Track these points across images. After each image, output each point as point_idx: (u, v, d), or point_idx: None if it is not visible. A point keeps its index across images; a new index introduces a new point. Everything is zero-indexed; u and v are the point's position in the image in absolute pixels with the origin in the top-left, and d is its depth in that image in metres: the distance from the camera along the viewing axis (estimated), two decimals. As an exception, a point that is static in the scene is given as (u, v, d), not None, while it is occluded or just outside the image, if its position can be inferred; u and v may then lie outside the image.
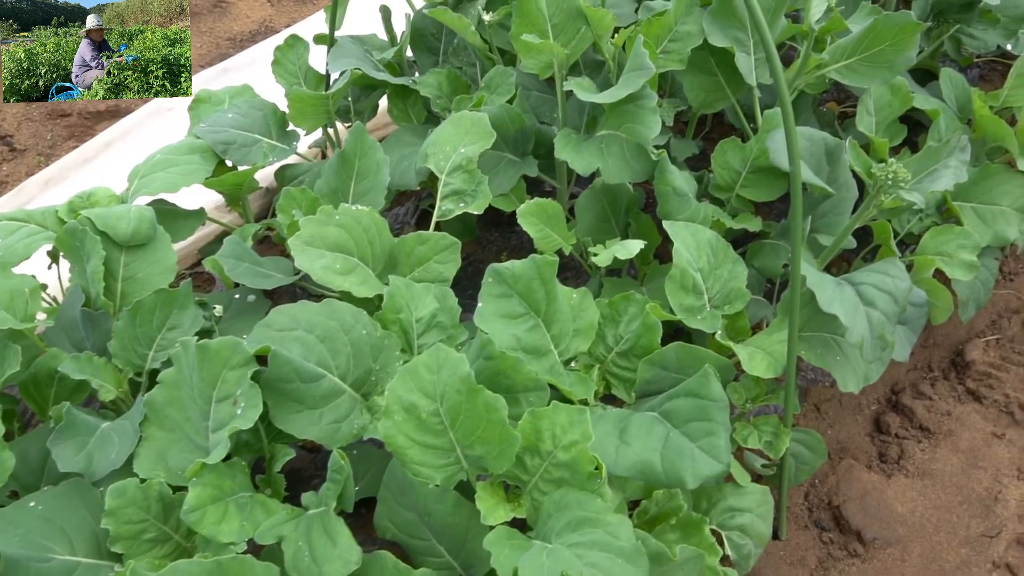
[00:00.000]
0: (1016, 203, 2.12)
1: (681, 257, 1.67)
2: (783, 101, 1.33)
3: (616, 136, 1.84)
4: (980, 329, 2.30)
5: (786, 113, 1.33)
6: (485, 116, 1.90)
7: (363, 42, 2.40)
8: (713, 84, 2.10)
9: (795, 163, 1.36)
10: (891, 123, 2.17)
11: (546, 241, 1.87)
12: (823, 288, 1.56)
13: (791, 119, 1.32)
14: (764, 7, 1.97)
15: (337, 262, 1.73)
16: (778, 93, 1.33)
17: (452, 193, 1.89)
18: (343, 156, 1.96)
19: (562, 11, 1.95)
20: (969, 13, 2.29)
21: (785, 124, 1.34)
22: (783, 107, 1.32)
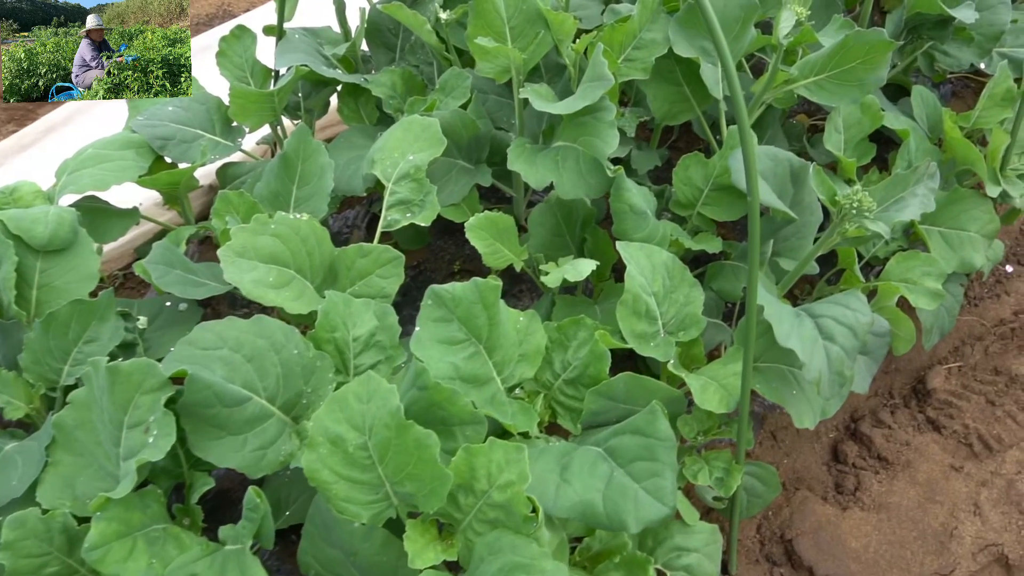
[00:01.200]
0: (984, 229, 2.07)
1: (634, 282, 1.59)
2: (742, 125, 1.24)
3: (573, 148, 1.75)
4: (943, 355, 2.25)
5: (746, 139, 1.24)
6: (436, 122, 1.79)
7: (316, 35, 2.29)
8: (678, 95, 2.01)
9: (753, 193, 1.27)
10: (860, 141, 2.11)
11: (496, 257, 1.77)
12: (781, 321, 1.49)
13: (751, 145, 1.24)
14: (732, 17, 1.89)
15: (271, 275, 1.62)
16: (737, 118, 1.24)
17: (399, 203, 1.79)
18: (285, 159, 1.85)
19: (521, 13, 1.85)
20: (943, 31, 2.22)
21: (744, 151, 1.26)
22: (742, 132, 1.24)
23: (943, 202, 2.06)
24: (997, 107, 2.22)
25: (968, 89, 2.84)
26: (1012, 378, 2.17)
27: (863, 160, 2.10)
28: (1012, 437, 2.05)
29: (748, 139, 1.23)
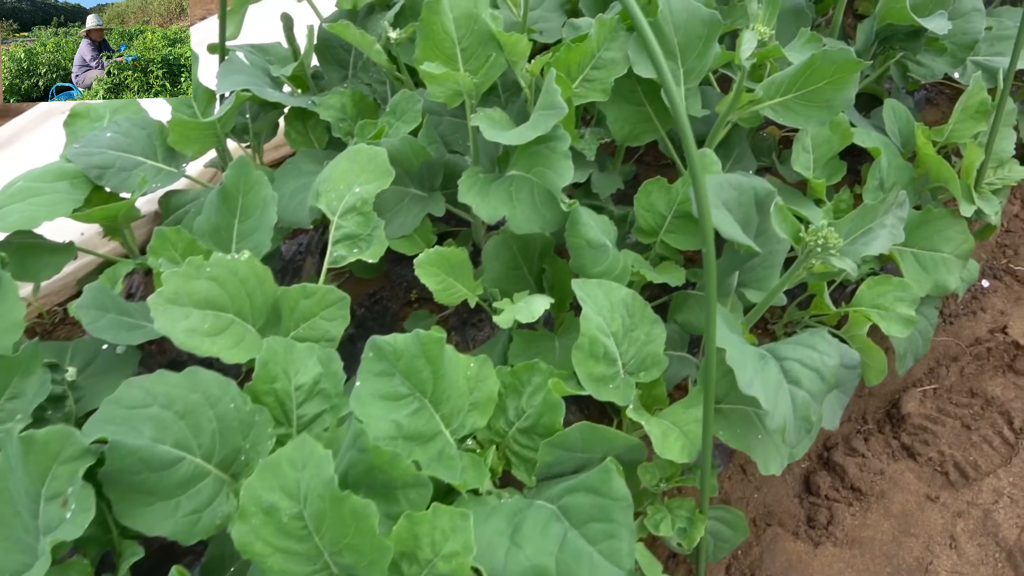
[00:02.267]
0: (958, 250, 2.00)
1: (590, 324, 1.50)
2: (692, 165, 1.16)
3: (527, 179, 1.66)
4: (917, 377, 2.19)
5: (698, 182, 1.16)
6: (383, 152, 1.70)
7: (265, 52, 2.18)
8: (640, 115, 1.93)
9: (708, 243, 1.19)
10: (830, 160, 2.03)
11: (448, 293, 1.69)
12: (744, 366, 1.41)
13: (703, 188, 1.16)
14: (694, 35, 1.80)
15: (206, 321, 1.53)
16: (688, 159, 1.16)
17: (345, 238, 1.70)
18: (224, 192, 1.75)
19: (472, 34, 1.76)
20: (916, 41, 2.14)
21: (696, 192, 1.17)
22: (693, 173, 1.15)
23: (916, 222, 1.99)
24: (971, 120, 2.15)
25: (943, 96, 2.77)
26: (988, 400, 2.11)
27: (834, 179, 2.03)
28: (988, 463, 2.00)
29: (701, 184, 1.15)
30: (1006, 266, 2.43)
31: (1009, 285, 2.38)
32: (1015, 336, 2.22)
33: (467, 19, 1.75)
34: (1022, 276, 2.39)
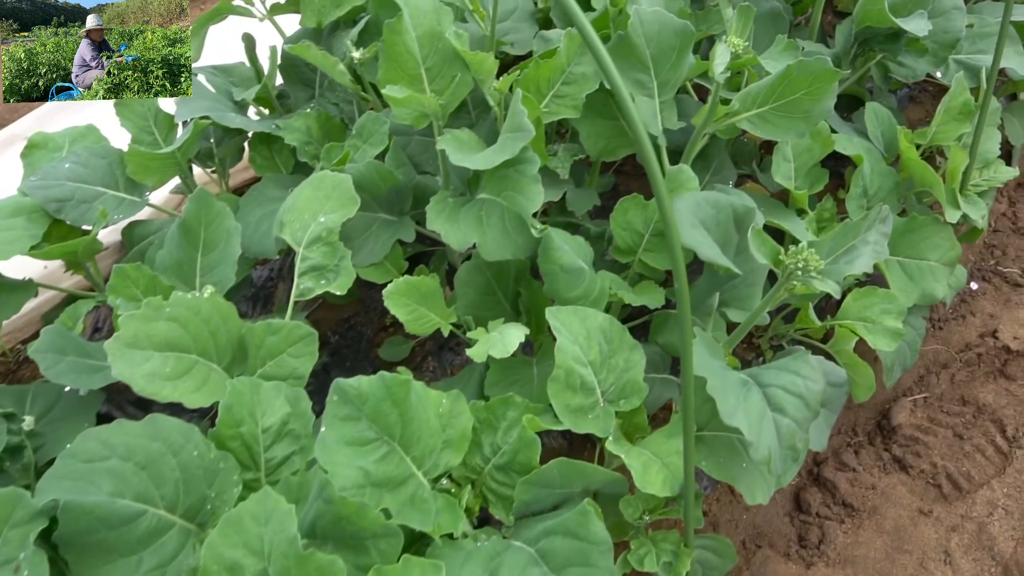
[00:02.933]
0: (944, 257, 1.95)
1: (566, 355, 1.45)
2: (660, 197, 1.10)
3: (497, 203, 1.60)
4: (907, 386, 2.14)
5: (665, 213, 1.11)
6: (348, 179, 1.64)
7: (228, 73, 2.12)
8: (614, 129, 1.87)
9: (678, 269, 1.14)
10: (812, 167, 1.98)
11: (420, 323, 1.63)
12: (725, 396, 1.36)
13: (671, 218, 1.10)
14: (666, 46, 1.74)
15: (167, 364, 1.47)
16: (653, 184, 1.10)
17: (311, 269, 1.64)
18: (184, 227, 1.69)
19: (437, 52, 1.70)
20: (896, 43, 2.09)
21: (665, 222, 1.12)
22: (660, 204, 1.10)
23: (901, 230, 1.95)
24: (954, 121, 2.10)
25: (926, 93, 2.73)
26: (979, 408, 2.06)
27: (816, 187, 1.98)
28: (982, 474, 1.95)
29: (668, 214, 1.09)
30: (994, 267, 2.39)
31: (998, 287, 2.34)
32: (1005, 340, 2.17)
33: (431, 37, 1.68)
34: (1011, 277, 2.35)
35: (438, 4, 1.70)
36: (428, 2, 1.69)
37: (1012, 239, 2.45)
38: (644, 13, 1.71)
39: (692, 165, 1.93)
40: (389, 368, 2.00)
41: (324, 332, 2.05)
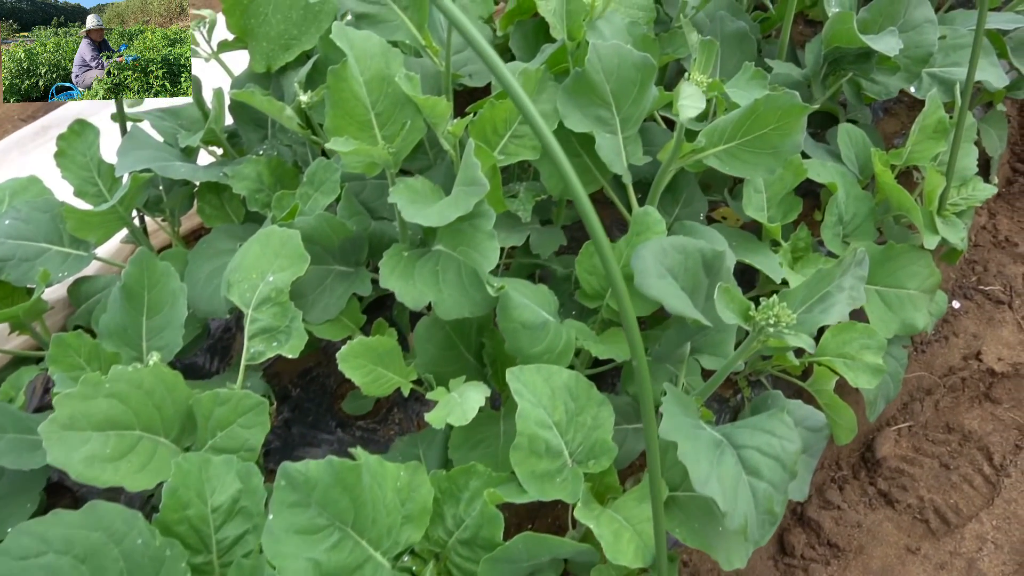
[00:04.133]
0: (924, 284, 1.89)
1: (528, 420, 1.38)
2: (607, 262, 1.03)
3: (454, 257, 1.53)
4: (891, 414, 2.08)
5: (615, 281, 1.03)
6: (296, 236, 1.56)
7: (177, 116, 2.03)
8: (578, 166, 1.79)
9: (635, 345, 1.07)
10: (785, 196, 1.91)
11: (378, 384, 1.55)
12: (697, 462, 1.28)
13: (620, 287, 1.03)
14: (627, 80, 1.66)
15: (108, 445, 1.39)
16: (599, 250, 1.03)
17: (261, 331, 1.55)
18: (126, 290, 1.60)
19: (387, 96, 1.61)
20: (867, 62, 2.02)
21: (618, 298, 1.05)
22: (614, 284, 1.03)
23: (879, 259, 1.88)
24: (930, 140, 2.03)
25: (901, 104, 2.66)
26: (965, 435, 2.00)
27: (790, 216, 1.91)
28: (969, 506, 1.89)
29: (623, 297, 1.02)
30: (976, 284, 2.33)
31: (980, 305, 2.28)
32: (989, 362, 2.11)
33: (380, 81, 1.60)
34: (993, 295, 2.29)
35: (386, 46, 1.62)
36: (375, 44, 1.60)
37: (993, 254, 2.39)
38: (602, 48, 1.63)
39: (661, 198, 1.86)
40: (353, 422, 1.95)
41: (285, 384, 1.97)
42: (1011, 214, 2.51)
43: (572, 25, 1.77)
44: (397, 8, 1.80)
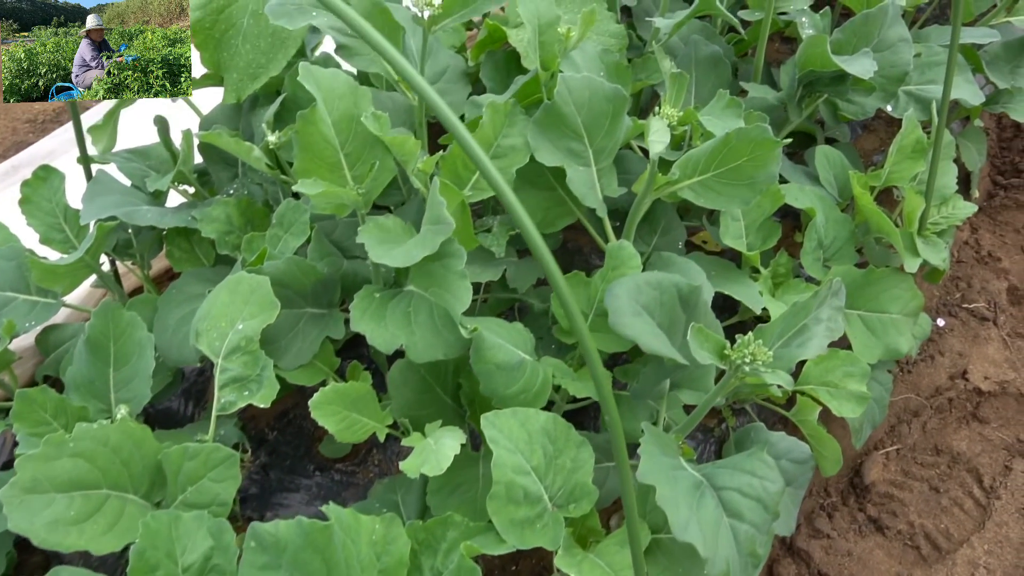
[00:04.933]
0: (906, 308, 1.86)
1: (505, 468, 1.34)
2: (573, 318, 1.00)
3: (426, 298, 1.50)
4: (878, 438, 2.05)
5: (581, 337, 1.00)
6: (266, 282, 1.53)
7: (146, 156, 2.00)
8: (552, 199, 1.77)
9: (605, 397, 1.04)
10: (763, 222, 1.88)
11: (352, 430, 1.52)
12: (676, 508, 1.26)
13: (590, 349, 1.00)
14: (599, 113, 1.64)
15: (73, 506, 1.35)
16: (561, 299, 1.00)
17: (232, 381, 1.52)
18: (91, 343, 1.57)
19: (357, 136, 1.58)
20: (842, 85, 2.01)
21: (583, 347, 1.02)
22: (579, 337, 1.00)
23: (860, 283, 1.86)
24: (908, 160, 2.02)
25: (879, 120, 2.65)
26: (954, 457, 1.98)
27: (769, 242, 1.89)
28: (961, 530, 1.87)
29: (589, 350, 0.99)
30: (960, 301, 2.31)
31: (965, 322, 2.26)
32: (976, 381, 2.09)
33: (348, 121, 1.57)
34: (978, 311, 2.27)
35: (354, 84, 1.59)
36: (343, 84, 1.58)
37: (976, 270, 2.37)
38: (572, 80, 1.61)
39: (638, 228, 1.84)
40: (332, 465, 1.91)
41: (261, 428, 1.93)
42: (993, 228, 2.50)
43: (546, 55, 1.75)
44: (369, 42, 1.77)
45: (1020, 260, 2.41)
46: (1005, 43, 2.39)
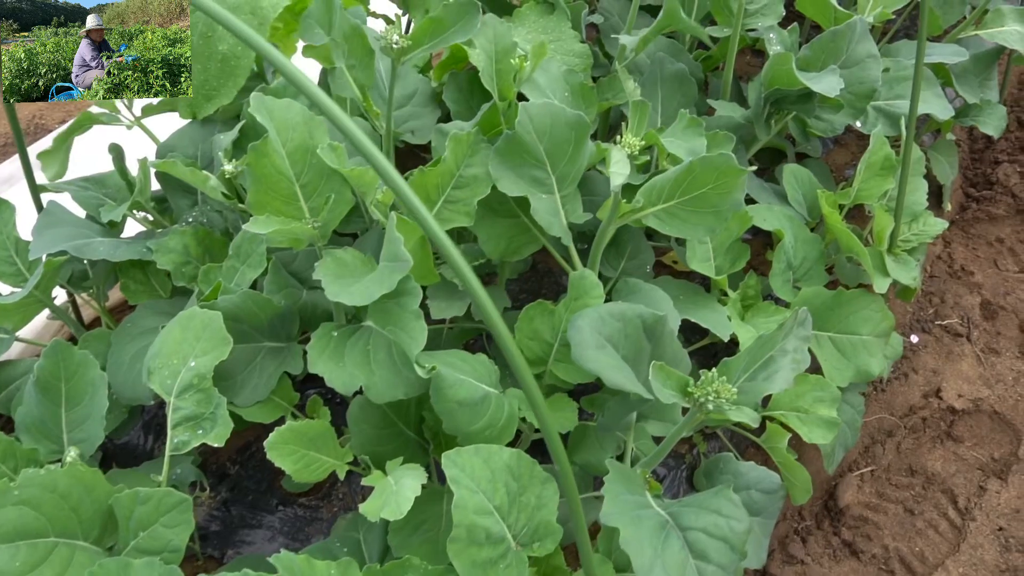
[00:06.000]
0: (877, 329, 1.84)
1: (466, 510, 1.30)
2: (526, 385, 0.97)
3: (384, 336, 1.46)
4: (852, 459, 2.03)
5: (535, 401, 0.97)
6: (218, 318, 1.48)
7: (102, 185, 1.95)
8: (516, 227, 1.74)
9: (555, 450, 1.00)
10: (732, 244, 1.86)
11: (310, 470, 1.48)
12: (640, 550, 1.22)
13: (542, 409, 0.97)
14: (561, 139, 1.61)
15: (18, 556, 1.30)
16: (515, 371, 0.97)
17: (185, 420, 1.47)
18: (40, 384, 1.52)
19: (312, 167, 1.55)
20: (809, 103, 1.99)
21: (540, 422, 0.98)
22: (523, 382, 0.96)
23: (829, 305, 1.84)
24: (877, 177, 2.00)
25: (851, 134, 2.64)
26: (929, 478, 1.96)
27: (738, 265, 1.86)
28: (936, 553, 1.85)
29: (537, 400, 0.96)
30: (933, 317, 2.30)
31: (939, 338, 2.24)
32: (950, 400, 2.08)
33: (304, 152, 1.53)
34: (951, 328, 2.26)
35: (309, 115, 1.55)
36: (297, 114, 1.54)
37: (949, 284, 2.36)
38: (532, 108, 1.58)
39: (605, 253, 1.81)
40: (295, 500, 1.87)
41: (223, 462, 1.88)
42: (966, 241, 2.49)
43: (503, 84, 1.72)
44: (344, 67, 1.74)
45: (993, 274, 2.40)
46: (974, 56, 2.39)
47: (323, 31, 1.63)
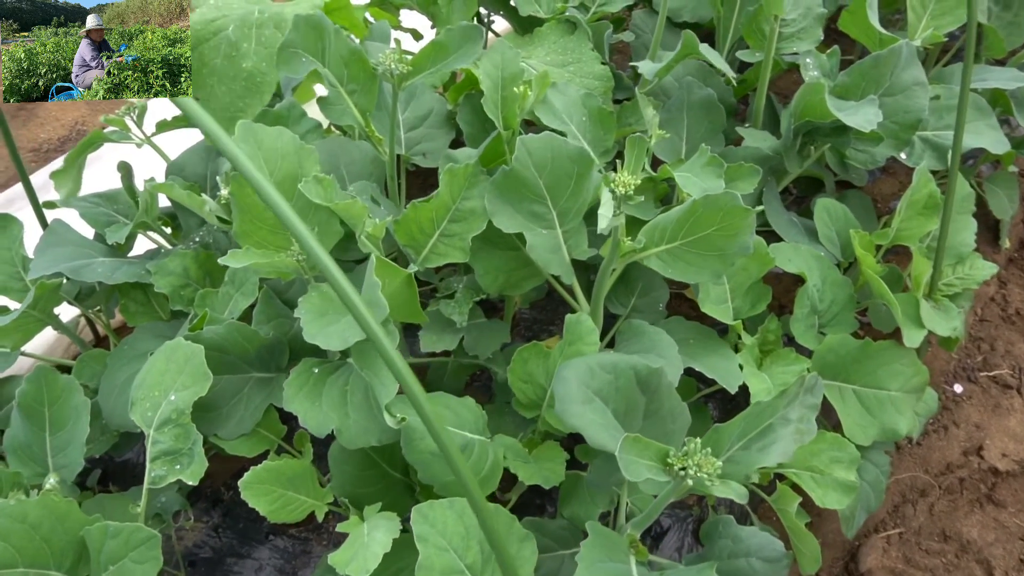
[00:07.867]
0: (907, 384, 1.71)
1: (431, 571, 1.24)
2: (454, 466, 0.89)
3: (363, 377, 1.40)
4: (880, 518, 1.88)
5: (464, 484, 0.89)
6: (200, 352, 1.45)
7: (113, 201, 1.95)
8: (516, 260, 1.66)
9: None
10: (751, 286, 1.74)
11: (287, 510, 1.44)
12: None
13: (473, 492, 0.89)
14: (562, 174, 1.53)
15: (-16, 588, 1.29)
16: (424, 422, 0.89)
17: (163, 454, 1.45)
18: (24, 408, 1.52)
19: (302, 197, 1.50)
20: (843, 136, 1.85)
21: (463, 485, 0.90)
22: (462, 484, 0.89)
23: (856, 356, 1.70)
24: (920, 216, 1.86)
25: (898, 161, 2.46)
26: (963, 545, 1.80)
27: (758, 307, 1.74)
28: (965, 630, 1.69)
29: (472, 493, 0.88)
30: (981, 365, 2.12)
31: (986, 389, 2.07)
32: (992, 460, 1.91)
33: (292, 181, 1.49)
34: (1001, 378, 2.08)
35: (299, 144, 1.51)
36: (287, 143, 1.50)
37: (1002, 330, 2.18)
38: (531, 142, 1.50)
39: (614, 289, 1.72)
40: (285, 531, 1.83)
41: (218, 487, 1.86)
42: (1023, 283, 2.30)
43: (507, 113, 1.65)
44: (344, 92, 1.70)
45: (1052, 320, 2.21)
46: (1039, 82, 2.19)
47: (314, 59, 1.58)
